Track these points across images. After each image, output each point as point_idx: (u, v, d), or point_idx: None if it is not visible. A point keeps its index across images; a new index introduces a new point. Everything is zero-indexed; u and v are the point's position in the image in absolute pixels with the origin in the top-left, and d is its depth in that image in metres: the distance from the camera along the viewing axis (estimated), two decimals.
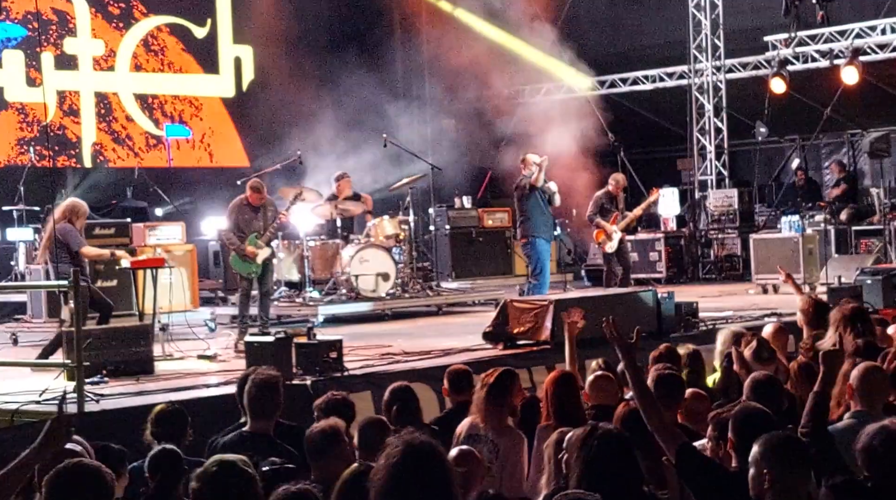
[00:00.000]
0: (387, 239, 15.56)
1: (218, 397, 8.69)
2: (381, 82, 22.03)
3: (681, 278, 19.61)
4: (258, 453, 6.10)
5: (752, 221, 20.57)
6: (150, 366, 10.25)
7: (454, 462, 5.02)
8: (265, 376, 6.86)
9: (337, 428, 5.86)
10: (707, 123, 21.38)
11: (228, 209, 13.10)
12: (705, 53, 21.27)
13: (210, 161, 21.62)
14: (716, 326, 11.67)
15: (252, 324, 12.65)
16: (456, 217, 18.78)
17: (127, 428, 7.23)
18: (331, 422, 5.95)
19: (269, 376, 6.85)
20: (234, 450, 6.37)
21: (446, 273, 18.17)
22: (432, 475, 3.82)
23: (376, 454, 5.62)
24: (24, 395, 8.79)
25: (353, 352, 10.47)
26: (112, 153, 20.49)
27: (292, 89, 22.02)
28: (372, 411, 7.95)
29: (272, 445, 6.42)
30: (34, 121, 19.38)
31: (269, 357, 8.91)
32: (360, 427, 6.23)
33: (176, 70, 21.29)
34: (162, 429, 6.58)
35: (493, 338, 11.12)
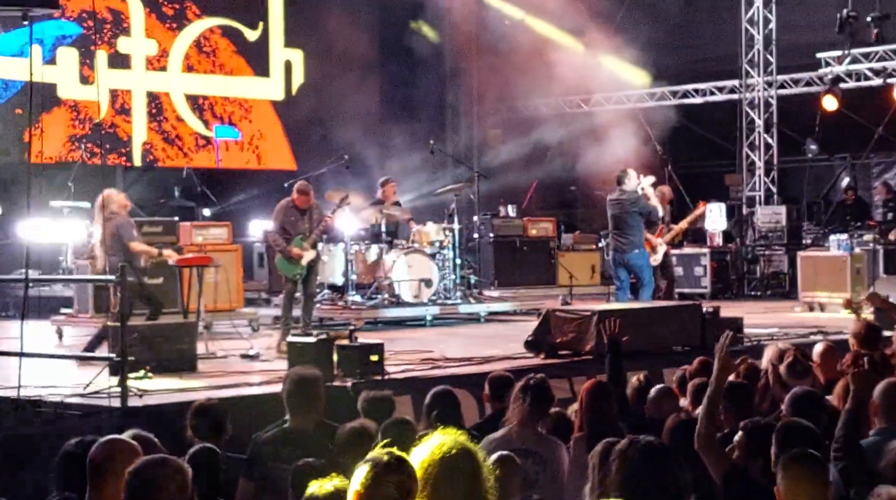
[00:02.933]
0: (430, 245, 15.57)
1: (260, 396, 8.74)
2: (430, 90, 22.09)
3: (726, 293, 19.47)
4: (297, 448, 6.15)
5: (800, 239, 20.40)
6: (193, 363, 10.31)
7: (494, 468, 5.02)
8: (304, 372, 6.94)
9: (366, 428, 5.90)
10: (757, 139, 21.25)
11: (275, 211, 13.17)
12: (757, 68, 21.15)
13: (258, 163, 21.75)
14: (760, 342, 11.59)
15: (294, 326, 12.70)
16: (500, 225, 18.77)
17: (169, 424, 7.28)
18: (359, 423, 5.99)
19: (307, 373, 6.92)
20: (274, 445, 6.45)
21: (489, 281, 18.15)
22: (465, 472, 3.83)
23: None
24: (68, 388, 8.89)
25: (394, 356, 10.48)
26: (162, 153, 20.66)
27: (341, 94, 22.14)
28: (412, 416, 7.95)
29: (311, 440, 6.45)
30: (86, 118, 19.58)
31: (310, 358, 8.95)
32: (383, 427, 6.25)
33: (227, 72, 21.45)
34: (201, 423, 6.62)
35: (535, 347, 11.10)
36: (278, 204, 13.19)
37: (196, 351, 10.56)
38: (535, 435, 6.62)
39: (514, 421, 6.67)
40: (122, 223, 11.48)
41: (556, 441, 6.69)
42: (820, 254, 17.82)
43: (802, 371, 7.48)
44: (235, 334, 13.00)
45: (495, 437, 6.59)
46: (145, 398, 8.58)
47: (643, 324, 11.20)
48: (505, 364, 10.25)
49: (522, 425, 6.61)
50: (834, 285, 16.80)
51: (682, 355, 10.70)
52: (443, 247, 15.74)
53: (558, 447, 6.62)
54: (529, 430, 6.60)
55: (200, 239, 14.92)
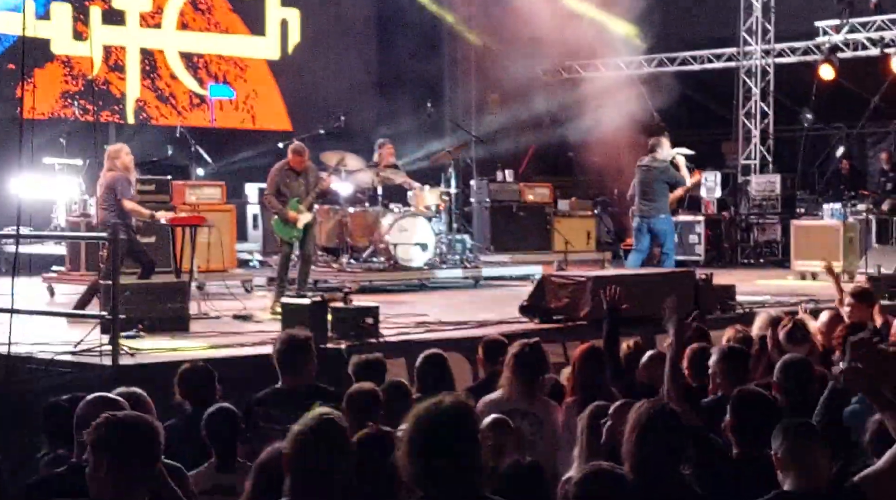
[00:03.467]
0: (427, 209, 15.52)
1: (253, 357, 8.70)
2: (428, 52, 21.96)
3: (719, 261, 19.49)
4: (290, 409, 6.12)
5: (794, 208, 20.41)
6: (185, 323, 10.26)
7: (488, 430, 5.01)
8: (295, 333, 6.93)
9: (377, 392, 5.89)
10: (753, 107, 21.19)
11: (271, 173, 13.10)
12: (755, 37, 21.05)
13: (252, 123, 21.63)
14: (753, 310, 11.59)
15: (289, 287, 12.67)
16: (497, 190, 18.72)
17: (161, 383, 7.24)
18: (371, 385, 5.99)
19: (298, 334, 6.91)
20: (265, 406, 6.43)
21: (485, 246, 18.13)
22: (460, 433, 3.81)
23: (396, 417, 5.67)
24: (59, 345, 8.85)
25: (388, 319, 10.45)
26: (155, 111, 20.54)
27: (337, 54, 22.01)
28: (406, 378, 7.93)
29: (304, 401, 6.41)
30: (79, 75, 19.44)
31: (304, 320, 8.90)
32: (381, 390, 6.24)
33: (222, 30, 21.30)
34: (189, 388, 6.58)
35: (530, 312, 11.08)
36: (274, 166, 13.12)
37: (188, 311, 10.51)
38: (531, 397, 6.62)
39: (509, 384, 6.64)
40: (120, 179, 11.41)
41: (552, 403, 6.69)
42: (813, 223, 17.83)
43: (801, 338, 7.47)
44: (228, 294, 12.96)
45: (492, 398, 6.59)
46: (137, 357, 8.55)
47: (636, 291, 11.17)
48: (499, 329, 10.20)
49: (518, 387, 6.59)
50: (827, 253, 16.76)
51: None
52: (439, 211, 15.70)
53: (554, 409, 6.63)
54: (525, 392, 6.59)
55: (194, 199, 14.85)
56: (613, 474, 4.32)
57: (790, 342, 7.38)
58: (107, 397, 5.10)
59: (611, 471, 4.32)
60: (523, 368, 6.62)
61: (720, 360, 6.63)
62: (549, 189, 19.38)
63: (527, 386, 6.59)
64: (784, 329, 7.53)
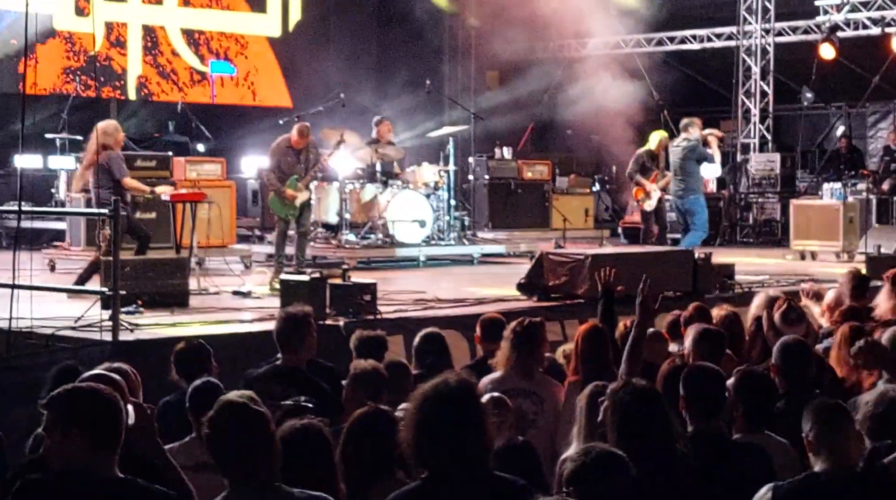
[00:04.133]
0: (425, 186, 15.55)
1: (252, 334, 8.76)
2: (427, 29, 21.94)
3: (718, 240, 19.50)
4: (289, 385, 6.18)
5: (794, 187, 20.43)
6: (185, 299, 10.31)
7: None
8: (294, 310, 6.96)
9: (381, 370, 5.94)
10: (753, 86, 21.18)
11: (271, 150, 13.12)
12: (755, 15, 21.02)
13: (253, 100, 21.63)
14: (751, 289, 11.64)
15: (287, 263, 12.72)
16: (495, 167, 18.75)
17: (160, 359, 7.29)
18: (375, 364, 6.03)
19: (298, 311, 6.95)
20: (266, 382, 6.46)
21: (483, 223, 18.16)
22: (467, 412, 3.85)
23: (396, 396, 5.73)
24: (60, 320, 8.90)
25: (386, 296, 10.50)
26: (156, 87, 20.53)
27: (338, 32, 21.99)
28: (403, 356, 7.99)
29: (303, 378, 6.47)
30: (81, 50, 19.42)
31: (303, 296, 8.95)
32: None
33: (223, 7, 21.26)
34: (185, 367, 6.62)
35: (528, 290, 11.13)
36: (274, 142, 13.15)
37: (188, 287, 10.56)
38: (532, 375, 6.65)
39: (506, 363, 6.68)
40: (115, 158, 11.42)
41: (553, 381, 6.73)
42: (813, 202, 17.83)
43: (796, 319, 7.49)
44: (227, 270, 13.01)
45: (493, 378, 6.62)
46: (136, 333, 8.61)
47: (635, 269, 11.22)
48: (497, 306, 10.26)
49: (518, 365, 6.63)
50: (826, 233, 16.85)
51: (674, 300, 10.70)
52: (437, 188, 15.72)
53: (555, 387, 6.67)
54: (524, 370, 6.63)
55: (194, 175, 14.88)
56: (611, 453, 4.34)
57: (785, 323, 7.39)
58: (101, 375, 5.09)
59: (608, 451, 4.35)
60: (520, 345, 6.65)
61: (695, 341, 6.68)
62: (548, 166, 19.42)
63: (524, 364, 6.63)
64: (779, 310, 7.55)
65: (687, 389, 5.21)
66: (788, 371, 6.11)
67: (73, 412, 4.02)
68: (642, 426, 4.60)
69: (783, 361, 6.15)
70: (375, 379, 5.89)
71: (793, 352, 6.20)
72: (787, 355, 6.18)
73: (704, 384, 5.22)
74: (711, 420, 5.15)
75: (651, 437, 4.60)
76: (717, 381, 5.30)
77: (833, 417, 4.60)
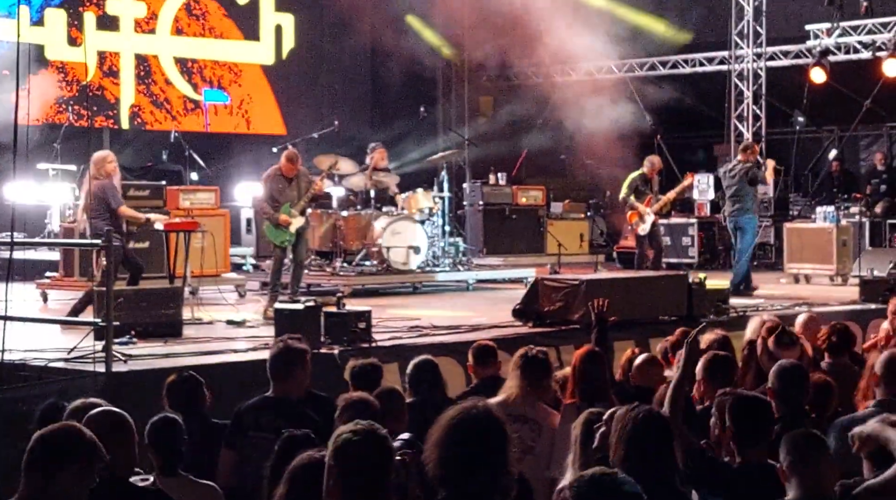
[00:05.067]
0: (420, 212, 15.54)
1: (245, 363, 8.73)
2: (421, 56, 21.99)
3: (713, 263, 19.50)
4: (279, 416, 6.14)
5: (787, 210, 20.44)
6: (178, 329, 10.28)
7: None
8: (289, 344, 6.91)
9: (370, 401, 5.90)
10: (745, 110, 21.24)
11: (263, 179, 13.12)
12: (747, 40, 21.10)
13: (247, 128, 21.66)
14: (746, 313, 11.63)
15: (282, 292, 12.69)
16: (490, 193, 18.75)
17: (154, 389, 7.27)
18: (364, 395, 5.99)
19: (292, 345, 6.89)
20: (255, 413, 6.43)
21: (478, 249, 18.16)
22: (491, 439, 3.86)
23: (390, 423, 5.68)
24: (53, 352, 8.87)
25: (381, 324, 10.48)
26: (150, 116, 20.56)
27: (331, 59, 22.05)
28: (398, 384, 7.96)
29: (294, 409, 6.43)
30: (73, 80, 19.46)
31: (297, 325, 8.92)
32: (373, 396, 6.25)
33: (217, 35, 21.32)
34: (177, 399, 6.58)
35: (523, 316, 11.10)
36: (266, 172, 13.14)
37: (182, 316, 10.53)
38: (533, 403, 6.66)
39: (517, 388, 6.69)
40: (108, 186, 11.39)
41: (551, 410, 6.73)
42: (806, 226, 17.85)
43: (789, 342, 7.48)
44: (221, 299, 12.97)
45: (494, 402, 6.61)
46: (130, 364, 8.57)
47: (630, 294, 11.24)
48: (493, 333, 10.25)
49: (522, 392, 6.64)
50: (820, 256, 16.85)
51: (669, 324, 10.71)
52: (432, 214, 15.72)
53: (553, 416, 6.67)
54: (527, 397, 6.64)
55: (188, 203, 14.85)
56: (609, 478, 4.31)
57: (779, 347, 7.39)
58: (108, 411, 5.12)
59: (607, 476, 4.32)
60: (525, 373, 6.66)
61: (705, 366, 6.66)
62: (542, 192, 19.42)
63: (527, 391, 6.64)
64: (773, 334, 7.54)
65: (736, 420, 5.19)
66: (785, 395, 6.09)
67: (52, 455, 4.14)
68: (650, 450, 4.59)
69: (781, 385, 6.13)
70: (365, 410, 5.86)
71: (790, 376, 6.18)
72: (784, 379, 6.16)
73: (755, 416, 5.22)
74: (759, 451, 5.14)
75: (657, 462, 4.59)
76: (767, 412, 5.30)
77: (808, 446, 4.59)
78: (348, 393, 6.23)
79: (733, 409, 5.27)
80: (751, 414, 5.25)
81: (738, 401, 5.34)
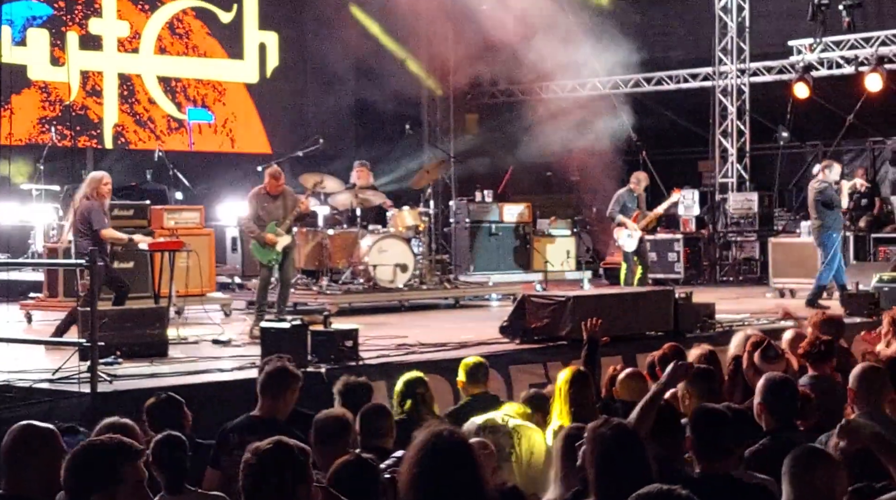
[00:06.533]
0: (406, 230, 15.53)
1: (231, 382, 8.68)
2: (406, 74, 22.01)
3: (698, 279, 19.54)
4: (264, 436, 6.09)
5: (772, 225, 20.49)
6: (164, 349, 10.23)
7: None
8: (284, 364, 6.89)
9: (346, 419, 5.86)
10: (730, 126, 21.29)
11: (248, 198, 13.08)
12: (730, 56, 21.16)
13: (231, 146, 21.63)
14: (732, 328, 11.62)
15: (269, 311, 12.64)
16: (476, 211, 18.75)
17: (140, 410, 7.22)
18: (340, 411, 5.96)
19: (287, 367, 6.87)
20: (241, 433, 6.40)
21: (465, 266, 18.14)
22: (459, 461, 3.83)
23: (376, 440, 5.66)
24: (37, 373, 8.81)
25: (368, 342, 10.43)
26: (133, 135, 20.52)
27: (316, 77, 22.05)
28: (386, 402, 7.92)
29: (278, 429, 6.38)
30: (56, 100, 19.42)
31: (284, 344, 8.88)
32: (361, 414, 6.22)
33: (200, 54, 21.31)
34: (157, 422, 6.54)
35: (510, 332, 11.08)
36: (251, 191, 13.11)
37: (167, 336, 10.48)
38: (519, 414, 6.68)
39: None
40: (95, 208, 11.34)
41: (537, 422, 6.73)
42: (791, 240, 17.90)
43: (774, 357, 7.48)
44: (207, 319, 12.92)
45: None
46: (115, 384, 8.51)
47: (617, 310, 11.23)
48: (480, 350, 10.22)
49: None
50: (805, 271, 16.86)
51: (656, 340, 10.70)
52: (418, 232, 15.71)
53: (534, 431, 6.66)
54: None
55: (172, 223, 14.80)
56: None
57: (764, 361, 7.39)
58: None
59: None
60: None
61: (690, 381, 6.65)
62: (528, 208, 19.43)
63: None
64: (759, 349, 7.54)
65: (695, 431, 5.20)
66: (774, 408, 6.08)
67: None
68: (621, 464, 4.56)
69: (773, 398, 6.11)
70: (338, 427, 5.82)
71: (778, 388, 6.17)
72: (772, 391, 6.15)
73: (713, 426, 5.20)
74: (719, 462, 5.13)
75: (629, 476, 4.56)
76: (725, 423, 5.29)
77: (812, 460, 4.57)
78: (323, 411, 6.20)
79: (693, 420, 5.30)
80: (710, 425, 5.24)
81: (698, 412, 5.35)
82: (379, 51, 21.76)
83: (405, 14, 20.13)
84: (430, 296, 15.76)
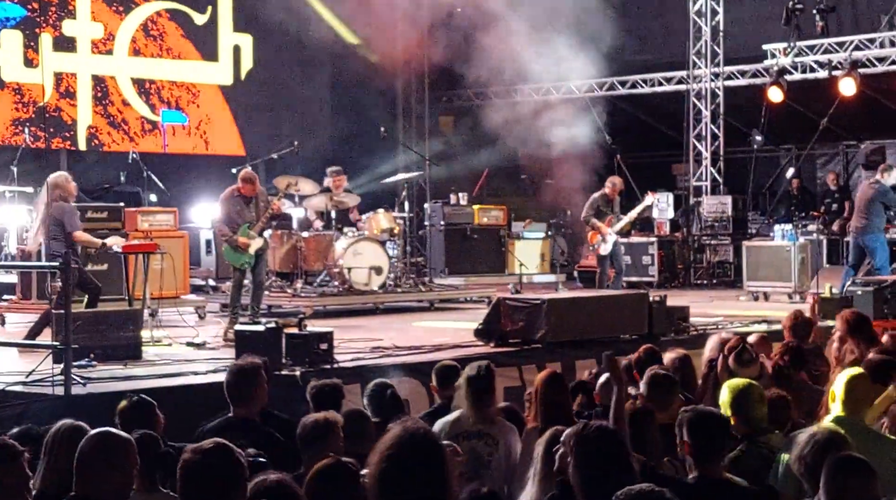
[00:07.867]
0: (381, 232, 15.52)
1: (206, 385, 8.66)
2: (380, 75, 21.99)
3: (673, 282, 19.61)
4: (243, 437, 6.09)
5: (745, 229, 20.59)
6: (138, 351, 10.20)
7: None
8: (240, 363, 6.91)
9: (333, 421, 5.86)
10: (704, 129, 21.38)
11: (220, 200, 13.05)
12: (704, 60, 21.25)
13: (206, 148, 21.55)
14: (706, 331, 11.67)
15: (243, 313, 12.61)
16: (451, 213, 18.74)
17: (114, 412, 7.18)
18: (327, 414, 5.96)
19: (244, 364, 6.88)
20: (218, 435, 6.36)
21: (440, 269, 18.14)
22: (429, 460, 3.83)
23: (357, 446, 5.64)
24: (10, 375, 8.76)
25: (343, 344, 10.43)
26: (107, 137, 20.42)
27: (291, 79, 22.00)
28: (361, 404, 7.92)
29: (256, 429, 6.39)
30: (30, 102, 19.32)
31: (258, 347, 8.88)
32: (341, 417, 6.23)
33: (174, 56, 21.23)
34: (129, 425, 6.50)
35: (485, 335, 11.10)
36: (223, 193, 13.07)
37: (141, 339, 10.44)
38: (488, 417, 6.65)
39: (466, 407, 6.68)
40: (68, 210, 11.28)
41: (509, 424, 6.73)
42: (764, 244, 17.99)
43: (749, 360, 7.53)
44: (181, 321, 12.88)
45: (447, 420, 6.63)
46: (89, 386, 8.48)
47: (591, 313, 11.26)
48: (455, 353, 10.24)
49: (473, 408, 6.62)
50: (778, 274, 16.98)
51: (630, 343, 10.74)
52: (393, 234, 15.70)
53: (510, 430, 6.66)
54: (481, 413, 6.62)
55: (146, 225, 14.75)
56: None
57: (739, 364, 7.44)
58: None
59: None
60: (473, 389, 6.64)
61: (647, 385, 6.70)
62: (503, 211, 19.45)
63: (478, 406, 6.62)
64: (733, 352, 7.59)
65: (692, 434, 5.22)
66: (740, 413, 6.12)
67: None
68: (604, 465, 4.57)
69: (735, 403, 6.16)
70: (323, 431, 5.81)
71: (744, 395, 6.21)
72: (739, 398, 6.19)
73: (711, 430, 5.23)
74: (715, 466, 5.16)
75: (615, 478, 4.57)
76: (722, 427, 5.32)
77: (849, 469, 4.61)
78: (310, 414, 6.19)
79: (690, 424, 5.30)
80: (708, 429, 5.27)
81: (695, 416, 5.36)
82: (353, 54, 21.74)
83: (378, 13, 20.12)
84: (405, 299, 15.76)
